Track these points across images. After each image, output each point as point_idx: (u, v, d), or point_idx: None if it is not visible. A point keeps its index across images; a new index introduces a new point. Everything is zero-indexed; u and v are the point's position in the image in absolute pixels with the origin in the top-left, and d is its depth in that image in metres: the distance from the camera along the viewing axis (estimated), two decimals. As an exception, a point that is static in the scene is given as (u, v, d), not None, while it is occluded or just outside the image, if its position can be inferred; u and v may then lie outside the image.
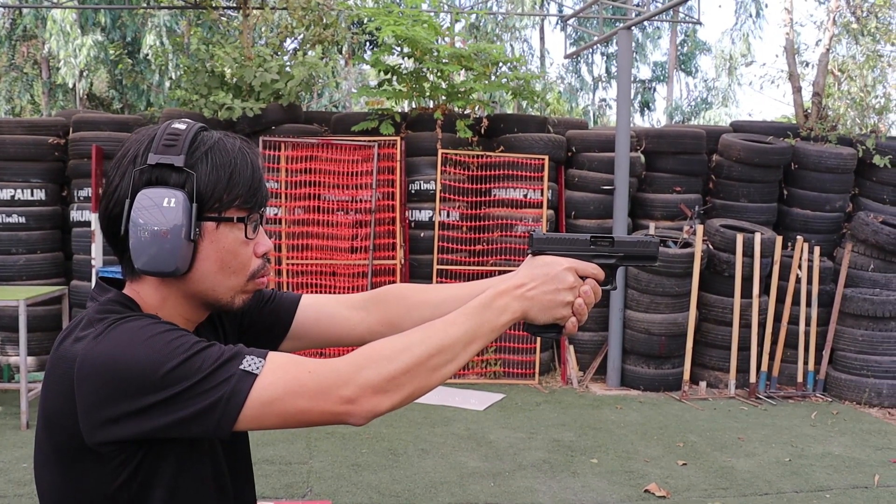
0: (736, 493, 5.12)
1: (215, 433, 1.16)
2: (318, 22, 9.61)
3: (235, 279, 1.33)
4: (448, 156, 8.09)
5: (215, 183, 1.26)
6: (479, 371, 7.99)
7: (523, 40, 28.01)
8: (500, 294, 1.32)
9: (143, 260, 1.24)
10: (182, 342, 1.17)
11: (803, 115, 9.35)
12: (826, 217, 8.39)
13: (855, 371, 7.56)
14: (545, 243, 1.41)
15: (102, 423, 1.16)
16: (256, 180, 1.31)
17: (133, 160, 1.26)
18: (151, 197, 1.23)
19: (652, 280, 7.62)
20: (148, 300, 1.31)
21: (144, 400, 1.14)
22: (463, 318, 1.28)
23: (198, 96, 8.50)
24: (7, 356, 7.72)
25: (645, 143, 8.49)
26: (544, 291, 1.34)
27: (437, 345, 1.24)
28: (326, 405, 1.18)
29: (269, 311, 1.56)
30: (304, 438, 5.88)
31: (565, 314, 1.36)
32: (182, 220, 1.23)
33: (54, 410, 1.22)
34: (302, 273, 7.96)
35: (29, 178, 8.04)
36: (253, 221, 1.32)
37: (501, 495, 4.96)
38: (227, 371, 1.16)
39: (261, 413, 1.17)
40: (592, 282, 1.39)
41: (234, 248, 1.31)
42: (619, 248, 1.44)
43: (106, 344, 1.17)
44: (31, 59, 19.56)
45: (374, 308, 1.58)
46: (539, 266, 1.36)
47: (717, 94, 29.62)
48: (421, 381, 1.23)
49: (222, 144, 1.30)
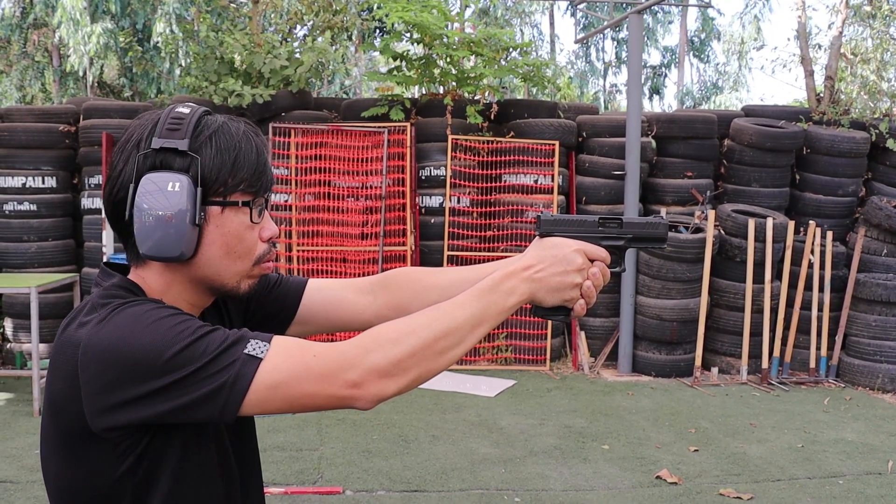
0: (748, 479, 5.10)
1: (220, 418, 1.15)
2: (328, 8, 9.59)
3: (241, 264, 1.31)
4: (458, 141, 8.07)
5: (220, 167, 1.25)
6: (490, 357, 7.99)
7: (533, 25, 27.91)
8: (508, 276, 1.30)
9: (148, 245, 1.23)
10: (186, 326, 1.16)
11: (816, 99, 9.28)
12: (839, 202, 8.34)
13: (868, 356, 7.52)
14: (553, 225, 1.39)
15: (107, 409, 1.15)
16: (261, 164, 1.30)
17: (137, 145, 1.25)
18: (155, 181, 1.22)
19: (663, 265, 7.59)
20: (153, 285, 1.30)
21: (148, 385, 1.13)
22: (470, 300, 1.27)
23: (207, 83, 8.49)
24: (20, 343, 7.76)
25: (656, 128, 8.45)
26: (552, 273, 1.32)
27: (444, 328, 1.22)
28: (332, 389, 1.17)
29: (276, 296, 1.54)
30: (314, 425, 5.89)
31: (574, 296, 1.34)
32: (186, 204, 1.22)
33: (59, 396, 1.21)
34: (312, 259, 7.96)
35: (40, 166, 8.06)
36: (258, 205, 1.31)
37: (512, 481, 4.96)
38: (231, 355, 1.15)
39: (266, 397, 1.16)
40: (601, 264, 1.37)
41: (240, 233, 1.29)
42: (627, 230, 1.42)
43: (109, 329, 1.17)
44: (42, 48, 19.56)
45: (382, 292, 1.56)
46: (547, 248, 1.35)
47: (727, 78, 29.42)
48: (428, 365, 1.21)
49: (226, 128, 1.28)
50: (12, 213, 7.96)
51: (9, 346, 7.87)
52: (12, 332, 7.82)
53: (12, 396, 6.66)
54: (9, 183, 7.99)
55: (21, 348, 7.71)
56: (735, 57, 28.74)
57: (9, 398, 6.61)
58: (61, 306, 7.69)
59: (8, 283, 6.50)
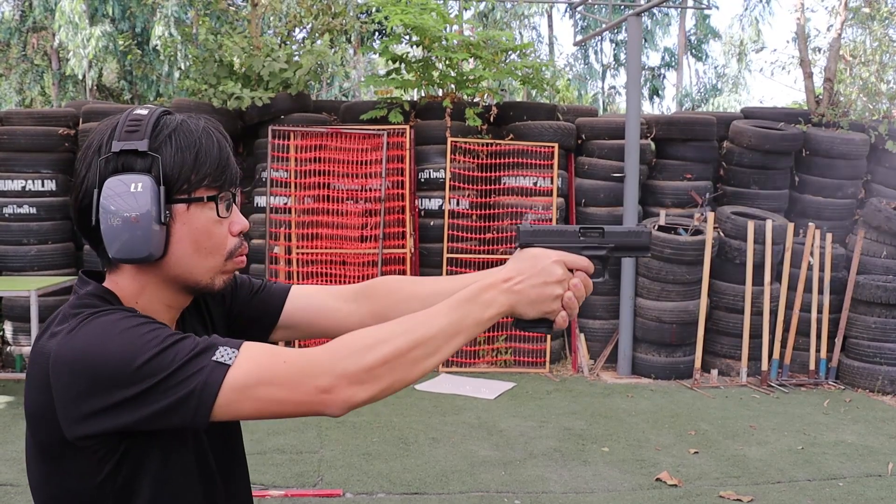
0: (748, 481, 5.10)
1: (192, 423, 1.15)
2: (327, 11, 9.60)
3: (212, 259, 1.32)
4: (457, 144, 8.07)
5: (181, 164, 1.26)
6: (490, 360, 7.98)
7: (532, 28, 27.91)
8: (487, 288, 1.29)
9: (116, 247, 1.24)
10: (155, 335, 1.17)
11: (815, 101, 9.28)
12: (838, 204, 8.35)
13: (868, 358, 7.52)
14: (533, 235, 1.38)
15: (80, 418, 1.16)
16: (224, 158, 1.30)
17: (98, 150, 1.26)
18: (119, 183, 1.22)
19: (663, 268, 7.59)
20: (127, 289, 1.31)
21: (119, 394, 1.14)
22: (447, 310, 1.26)
23: (207, 86, 8.51)
24: (20, 346, 7.76)
25: (655, 131, 8.45)
26: (532, 285, 1.31)
27: (419, 337, 1.22)
28: (301, 395, 1.17)
29: (259, 301, 1.55)
30: (314, 427, 5.89)
31: (554, 308, 1.33)
32: (151, 204, 1.22)
33: (35, 406, 1.22)
34: (311, 262, 7.96)
35: (39, 169, 8.07)
36: (225, 200, 1.31)
37: (512, 484, 4.96)
38: (199, 363, 1.15)
39: (235, 402, 1.16)
40: (582, 274, 1.36)
41: (208, 228, 1.30)
42: (609, 239, 1.41)
43: (79, 339, 1.17)
44: (42, 51, 19.58)
45: (364, 301, 1.56)
46: (527, 259, 1.33)
47: (727, 80, 29.44)
48: (400, 374, 1.20)
49: (186, 126, 1.28)
50: (12, 216, 7.96)
51: (8, 349, 7.86)
52: (12, 334, 7.82)
53: (12, 399, 6.66)
54: (8, 186, 7.99)
55: (21, 351, 7.71)
56: (734, 59, 28.76)
57: (9, 401, 6.61)
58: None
59: (7, 286, 6.51)
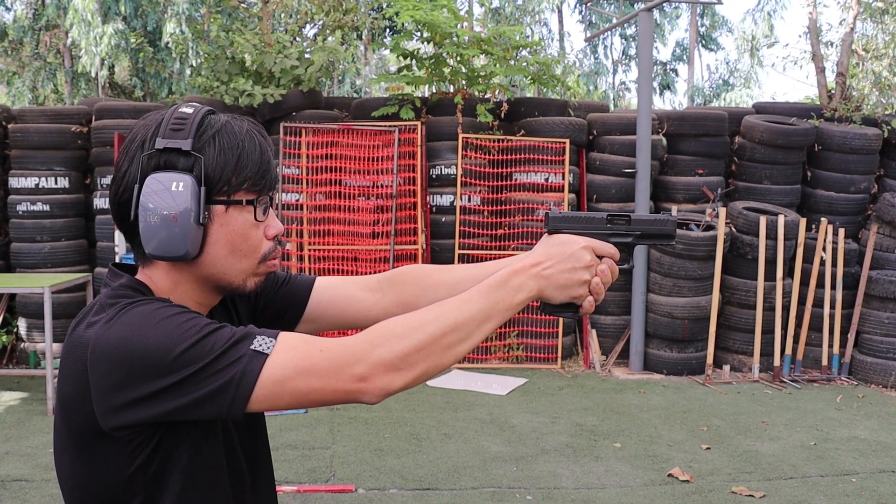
0: (760, 477, 5.09)
1: (228, 414, 1.16)
2: (338, 7, 9.60)
3: (246, 262, 1.33)
4: (469, 140, 8.07)
5: (223, 166, 1.26)
6: (502, 356, 7.99)
7: (542, 23, 27.86)
8: (516, 272, 1.30)
9: (153, 244, 1.25)
10: (193, 324, 1.18)
11: (827, 96, 9.24)
12: (850, 199, 8.31)
13: (881, 354, 7.49)
14: (561, 222, 1.39)
15: (116, 408, 1.17)
16: (265, 162, 1.31)
17: (141, 145, 1.27)
18: (160, 181, 1.23)
19: (675, 263, 7.58)
20: (160, 285, 1.32)
21: (157, 383, 1.14)
22: (478, 296, 1.27)
23: (218, 83, 8.53)
24: (34, 342, 7.81)
25: (666, 126, 8.43)
26: (561, 270, 1.32)
27: (451, 323, 1.22)
28: (339, 383, 1.18)
29: (284, 295, 1.55)
30: (326, 423, 5.91)
31: (582, 293, 1.34)
32: (191, 203, 1.23)
33: (70, 396, 1.22)
34: (323, 259, 7.98)
35: (52, 167, 8.10)
36: (262, 204, 1.32)
37: (524, 480, 4.96)
38: (237, 352, 1.16)
39: (273, 392, 1.16)
40: (609, 261, 1.37)
41: (244, 231, 1.30)
42: (635, 227, 1.42)
43: (117, 328, 1.18)
44: (54, 49, 19.66)
45: (390, 289, 1.57)
46: (556, 244, 1.35)
47: (739, 75, 29.31)
48: (434, 360, 1.21)
49: (230, 127, 1.29)
50: (25, 213, 8.01)
51: (23, 345, 7.91)
52: (26, 331, 7.86)
53: (27, 395, 6.70)
54: (22, 184, 8.04)
55: (35, 347, 7.76)
56: (747, 54, 28.62)
57: (23, 397, 6.66)
58: (74, 306, 7.73)
59: (21, 283, 6.54)
